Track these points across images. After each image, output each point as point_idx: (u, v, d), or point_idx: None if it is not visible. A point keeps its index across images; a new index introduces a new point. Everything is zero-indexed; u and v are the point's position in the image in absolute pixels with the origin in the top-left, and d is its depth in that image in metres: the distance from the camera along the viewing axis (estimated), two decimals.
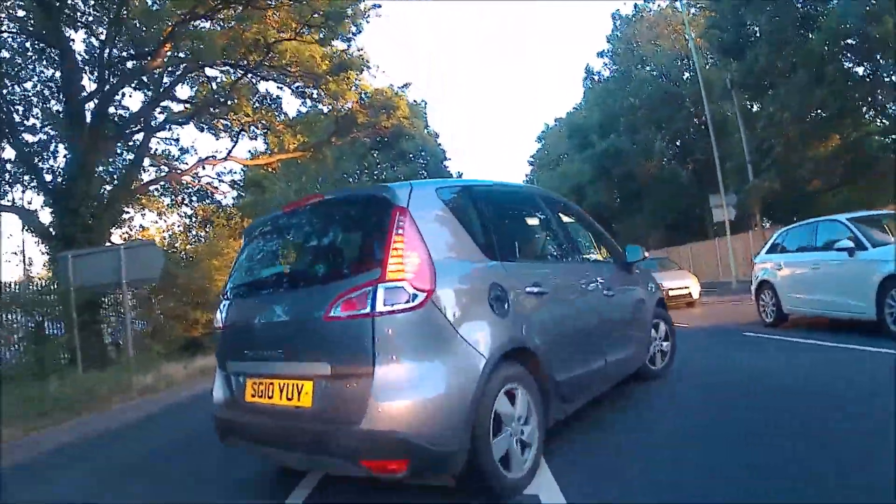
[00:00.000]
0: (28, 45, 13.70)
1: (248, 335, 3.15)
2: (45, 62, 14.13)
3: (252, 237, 3.69)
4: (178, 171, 16.33)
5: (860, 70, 18.56)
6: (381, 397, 2.48)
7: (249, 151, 23.03)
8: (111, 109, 14.27)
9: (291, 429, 2.79)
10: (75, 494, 3.79)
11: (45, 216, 13.64)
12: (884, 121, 19.63)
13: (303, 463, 3.06)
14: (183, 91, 16.19)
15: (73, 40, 13.60)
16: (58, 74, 13.61)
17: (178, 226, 18.14)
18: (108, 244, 12.20)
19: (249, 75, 15.21)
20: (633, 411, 4.22)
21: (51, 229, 12.81)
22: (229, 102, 15.23)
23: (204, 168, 16.71)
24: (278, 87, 16.65)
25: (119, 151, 15.65)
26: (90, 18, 13.52)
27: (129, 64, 13.98)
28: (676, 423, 3.82)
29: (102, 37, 13.22)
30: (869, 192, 18.20)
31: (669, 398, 4.60)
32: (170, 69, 14.47)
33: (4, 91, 13.11)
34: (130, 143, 15.92)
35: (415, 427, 2.47)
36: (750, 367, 5.45)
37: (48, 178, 13.61)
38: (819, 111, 18.05)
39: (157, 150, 16.53)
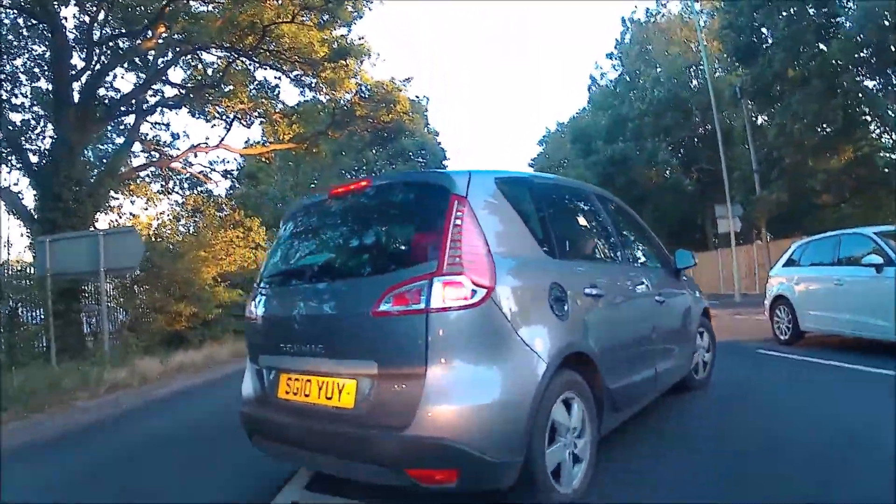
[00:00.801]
0: (21, 20, 13.19)
1: (284, 328, 2.92)
2: (36, 39, 13.65)
3: (292, 222, 3.41)
4: (169, 158, 15.82)
5: (870, 84, 18.24)
6: (433, 401, 2.29)
7: (246, 142, 22.45)
8: (102, 91, 13.81)
9: (329, 431, 2.56)
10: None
11: (31, 199, 13.13)
12: (893, 137, 19.27)
13: (338, 468, 2.72)
14: (176, 75, 15.74)
15: (65, 18, 13.14)
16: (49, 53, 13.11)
17: (168, 214, 17.65)
18: (91, 230, 11.71)
19: (245, 59, 14.71)
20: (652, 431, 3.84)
21: (34, 213, 12.35)
22: (224, 88, 14.73)
23: (196, 155, 16.25)
24: (276, 78, 16.22)
25: (108, 135, 15.15)
26: None
27: (121, 43, 13.45)
28: (699, 443, 3.64)
29: (94, 12, 12.66)
30: (867, 208, 17.87)
31: (690, 416, 4.31)
32: (164, 51, 13.96)
33: None
34: (122, 127, 15.47)
35: (468, 435, 2.27)
36: (771, 387, 5.19)
37: (34, 159, 13.15)
38: (825, 125, 17.67)
39: (147, 135, 16.05)
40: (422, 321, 2.32)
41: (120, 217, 15.48)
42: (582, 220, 3.80)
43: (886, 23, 15.12)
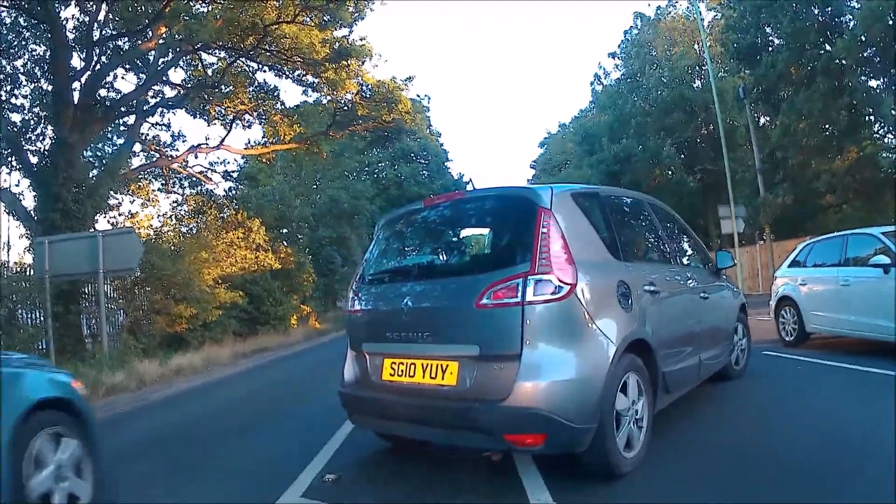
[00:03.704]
0: (22, 20, 13.15)
1: (389, 319, 3.35)
2: (36, 39, 13.60)
3: (387, 229, 3.90)
4: (169, 158, 15.76)
5: (874, 83, 18.08)
6: (527, 377, 2.73)
7: (246, 143, 22.39)
8: (102, 91, 13.75)
9: (433, 406, 3.01)
10: None
11: (30, 200, 13.07)
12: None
13: (441, 437, 3.17)
14: (177, 75, 15.71)
15: (65, 18, 13.04)
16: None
17: (169, 215, 17.57)
18: (91, 231, 11.64)
19: (245, 59, 14.63)
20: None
21: (33, 213, 12.29)
22: (224, 89, 14.66)
23: (196, 156, 16.19)
24: (276, 76, 16.12)
25: (108, 135, 15.08)
26: None
27: (122, 43, 13.40)
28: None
29: (93, 12, 12.60)
30: (870, 210, 17.69)
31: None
32: (164, 51, 13.89)
33: None
34: (122, 128, 15.40)
35: (555, 405, 2.70)
36: (777, 387, 5.21)
37: (34, 160, 13.08)
38: (830, 125, 17.51)
39: (147, 135, 16.00)
40: (518, 312, 2.78)
41: (119, 215, 15.44)
42: (639, 226, 4.26)
43: (890, 22, 15.01)
